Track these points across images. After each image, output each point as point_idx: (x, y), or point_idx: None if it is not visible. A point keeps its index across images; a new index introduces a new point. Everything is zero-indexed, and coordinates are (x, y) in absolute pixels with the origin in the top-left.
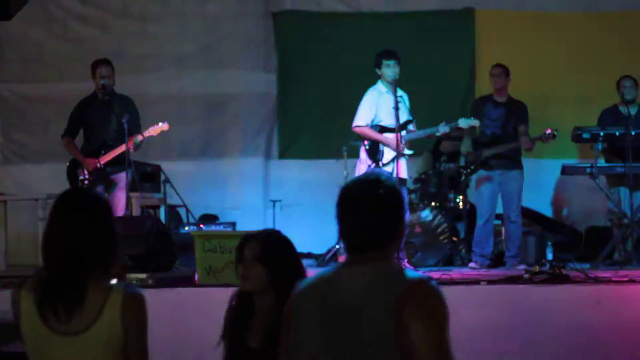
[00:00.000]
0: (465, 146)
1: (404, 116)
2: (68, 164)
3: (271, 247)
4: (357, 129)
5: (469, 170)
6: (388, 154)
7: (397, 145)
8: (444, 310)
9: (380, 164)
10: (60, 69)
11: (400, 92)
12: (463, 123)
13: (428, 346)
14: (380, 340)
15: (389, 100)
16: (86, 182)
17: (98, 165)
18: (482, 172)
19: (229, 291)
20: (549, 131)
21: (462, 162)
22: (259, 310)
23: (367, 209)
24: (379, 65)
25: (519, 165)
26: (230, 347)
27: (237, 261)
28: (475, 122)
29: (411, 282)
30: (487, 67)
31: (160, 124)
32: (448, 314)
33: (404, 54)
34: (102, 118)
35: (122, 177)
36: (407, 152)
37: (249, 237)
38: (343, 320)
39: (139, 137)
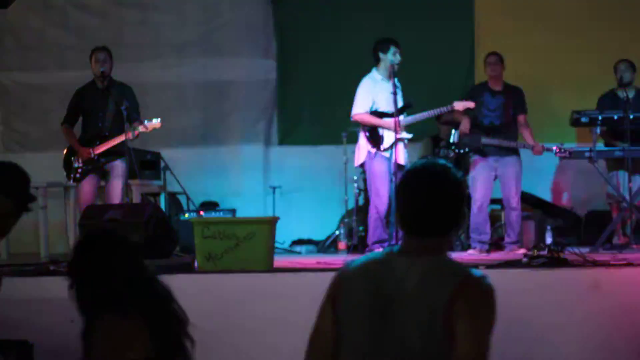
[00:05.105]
0: (464, 125)
1: (400, 102)
2: (64, 151)
3: None
4: (356, 117)
5: (461, 151)
6: (388, 139)
7: (396, 128)
8: (491, 313)
9: (382, 147)
10: (60, 57)
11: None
12: (458, 105)
13: (469, 345)
14: (428, 332)
15: (385, 87)
16: (80, 170)
17: (92, 155)
18: (476, 157)
19: (229, 277)
20: (560, 147)
21: (453, 137)
22: None
23: (426, 192)
24: (385, 50)
25: (515, 152)
26: None
27: None
28: (470, 104)
29: (465, 278)
30: (486, 51)
31: (154, 120)
32: (495, 317)
33: (404, 39)
34: (100, 106)
35: (117, 165)
36: (406, 135)
37: None
38: (393, 310)
39: (136, 131)
